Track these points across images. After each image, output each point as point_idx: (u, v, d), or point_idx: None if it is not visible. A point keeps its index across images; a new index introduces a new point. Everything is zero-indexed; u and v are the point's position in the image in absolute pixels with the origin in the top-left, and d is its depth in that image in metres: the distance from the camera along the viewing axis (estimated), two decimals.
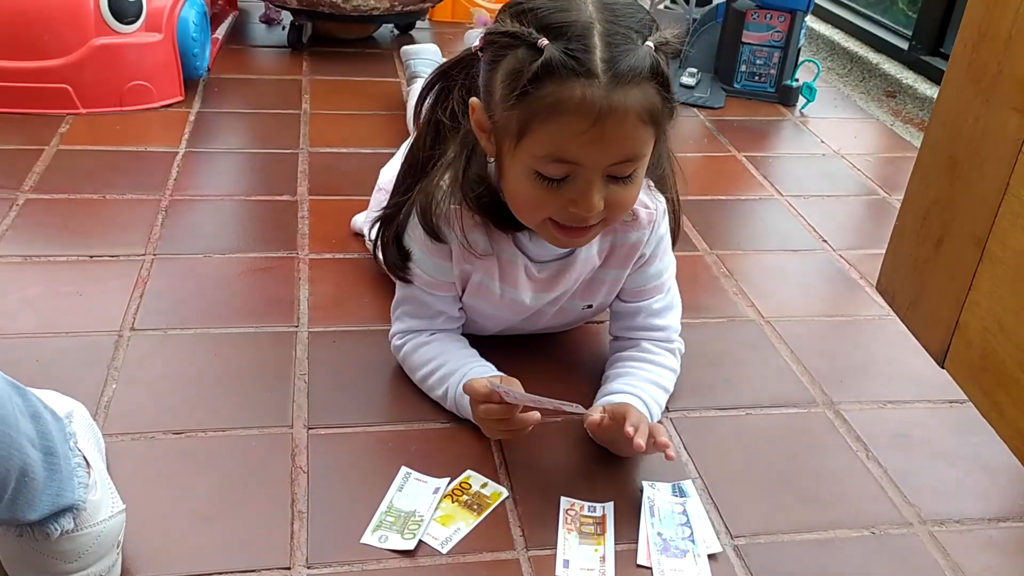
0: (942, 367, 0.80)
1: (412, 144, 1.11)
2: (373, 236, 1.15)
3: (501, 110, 0.92)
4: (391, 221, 1.10)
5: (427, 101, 1.07)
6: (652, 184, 1.08)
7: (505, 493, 0.99)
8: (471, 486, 1.00)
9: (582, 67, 0.86)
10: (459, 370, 1.07)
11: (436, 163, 1.05)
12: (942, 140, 0.81)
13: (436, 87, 1.06)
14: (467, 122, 1.00)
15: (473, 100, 0.97)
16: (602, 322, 1.28)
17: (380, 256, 1.13)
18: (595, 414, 0.98)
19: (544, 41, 0.87)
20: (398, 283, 1.14)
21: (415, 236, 1.07)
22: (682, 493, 1.01)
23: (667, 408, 1.14)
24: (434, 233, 1.04)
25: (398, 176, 1.12)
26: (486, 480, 1.01)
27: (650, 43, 0.88)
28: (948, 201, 0.79)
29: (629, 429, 0.94)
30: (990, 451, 1.10)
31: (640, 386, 1.08)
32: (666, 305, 1.15)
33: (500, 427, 1.01)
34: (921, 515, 1.01)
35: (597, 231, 1.00)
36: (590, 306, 1.16)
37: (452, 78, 1.04)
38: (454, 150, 1.03)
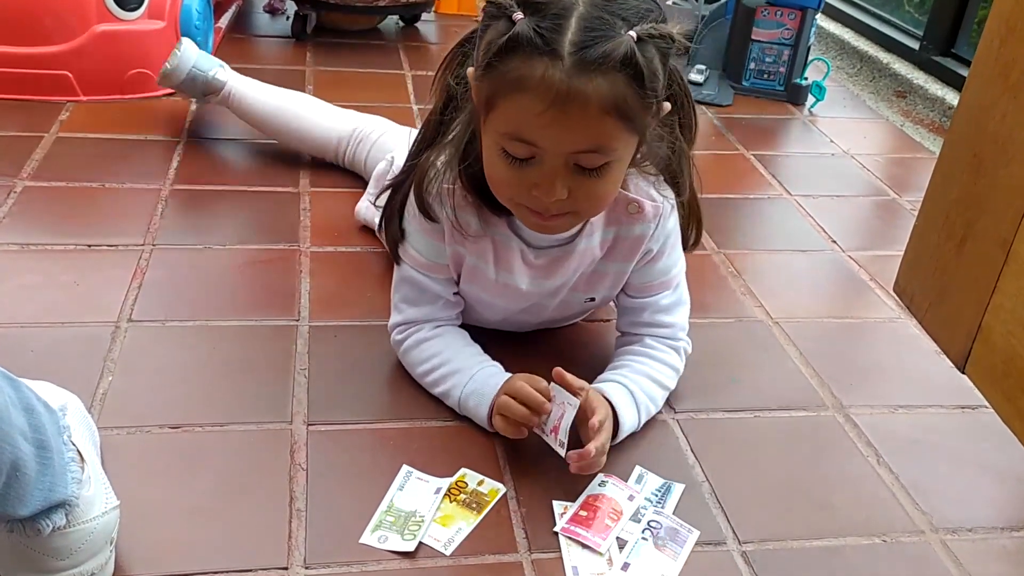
0: (962, 372, 0.78)
1: (430, 112, 1.09)
2: (382, 204, 1.14)
3: (476, 80, 0.91)
4: (399, 188, 1.09)
5: (449, 66, 1.04)
6: (661, 179, 1.05)
7: (503, 489, 0.97)
8: (467, 484, 0.98)
9: (547, 46, 0.84)
10: (464, 370, 1.05)
11: (447, 129, 1.03)
12: (966, 137, 0.78)
13: (454, 54, 1.04)
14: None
15: (469, 71, 0.95)
16: (608, 320, 1.26)
17: (384, 228, 1.11)
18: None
19: (519, 15, 0.85)
20: (396, 266, 1.11)
21: (411, 213, 1.05)
22: (663, 496, 0.98)
23: (674, 409, 1.12)
24: (426, 211, 1.02)
25: (413, 144, 1.11)
26: (482, 477, 0.98)
27: (633, 32, 0.84)
28: (972, 200, 0.76)
29: (594, 422, 0.95)
30: (1004, 458, 1.08)
31: (632, 377, 1.06)
32: (674, 302, 1.12)
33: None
34: (933, 523, 0.99)
35: (571, 221, 0.98)
36: (592, 299, 1.14)
37: (470, 45, 1.01)
38: (460, 122, 1.01)
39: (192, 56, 1.61)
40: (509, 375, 1.04)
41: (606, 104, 0.85)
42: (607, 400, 1.01)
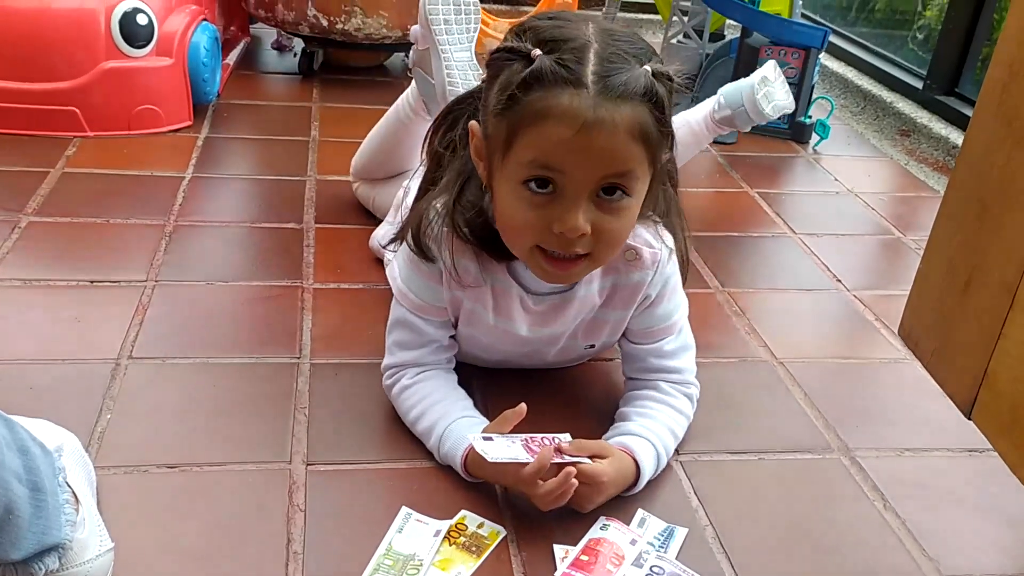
0: (968, 418, 0.77)
1: (424, 172, 1.10)
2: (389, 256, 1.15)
3: (492, 120, 0.91)
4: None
5: (437, 131, 1.06)
6: (659, 222, 1.05)
7: (503, 532, 0.95)
8: (467, 527, 0.96)
9: (572, 75, 0.85)
10: (442, 419, 1.03)
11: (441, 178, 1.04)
12: (970, 182, 0.78)
13: (447, 117, 1.05)
14: (467, 151, 0.99)
15: (472, 124, 0.96)
16: (611, 359, 1.25)
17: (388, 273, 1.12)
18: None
19: (537, 52, 0.87)
20: (392, 306, 1.11)
21: (407, 257, 1.05)
22: (665, 541, 0.97)
23: (677, 451, 1.10)
24: (423, 253, 1.02)
25: (414, 200, 1.11)
26: (482, 520, 0.97)
27: (648, 67, 0.87)
28: (976, 245, 0.76)
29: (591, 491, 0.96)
30: (1012, 503, 1.07)
31: (657, 431, 1.04)
32: (679, 347, 1.11)
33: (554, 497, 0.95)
34: (940, 570, 0.97)
35: (586, 267, 0.96)
36: (592, 346, 1.13)
37: (463, 109, 1.04)
38: (452, 173, 1.02)
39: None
40: (486, 423, 1.02)
41: (632, 129, 0.86)
42: (633, 459, 0.99)
